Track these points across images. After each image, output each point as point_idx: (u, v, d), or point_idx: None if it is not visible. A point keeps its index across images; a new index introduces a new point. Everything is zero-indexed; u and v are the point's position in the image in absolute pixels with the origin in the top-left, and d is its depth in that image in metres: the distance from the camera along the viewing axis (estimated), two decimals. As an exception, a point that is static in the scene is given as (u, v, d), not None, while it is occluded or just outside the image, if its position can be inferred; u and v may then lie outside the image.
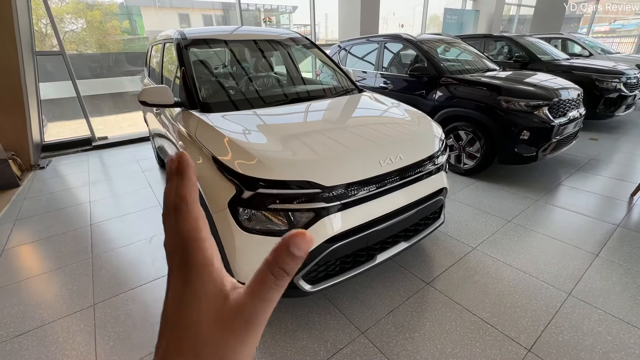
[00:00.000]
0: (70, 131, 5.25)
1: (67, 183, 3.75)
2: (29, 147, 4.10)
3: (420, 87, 3.77)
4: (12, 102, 3.85)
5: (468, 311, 1.77)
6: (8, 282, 2.12)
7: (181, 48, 2.34)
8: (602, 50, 7.00)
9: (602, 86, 4.60)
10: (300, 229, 0.23)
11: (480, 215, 2.73)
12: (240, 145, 1.61)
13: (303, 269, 1.52)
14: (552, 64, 5.03)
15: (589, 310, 1.75)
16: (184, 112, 2.13)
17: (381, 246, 1.77)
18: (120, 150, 4.90)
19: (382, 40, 4.44)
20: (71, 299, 1.95)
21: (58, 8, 5.45)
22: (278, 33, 2.98)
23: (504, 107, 3.07)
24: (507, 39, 5.71)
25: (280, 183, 1.44)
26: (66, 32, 5.88)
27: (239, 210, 1.47)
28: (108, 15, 6.46)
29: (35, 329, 1.74)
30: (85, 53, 6.13)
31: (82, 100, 4.92)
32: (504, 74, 3.68)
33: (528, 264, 2.12)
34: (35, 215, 2.98)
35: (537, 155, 3.08)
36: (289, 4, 9.04)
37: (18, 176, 3.74)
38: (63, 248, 2.47)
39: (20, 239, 2.63)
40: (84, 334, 1.71)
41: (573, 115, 3.29)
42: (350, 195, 1.53)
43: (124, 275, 2.15)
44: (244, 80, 2.76)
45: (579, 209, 2.77)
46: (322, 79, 3.42)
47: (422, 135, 1.95)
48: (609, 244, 2.29)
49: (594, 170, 3.57)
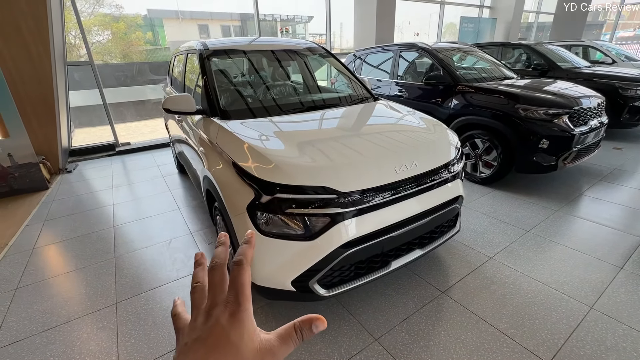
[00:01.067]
0: (96, 137, 5.50)
1: (92, 186, 3.92)
2: (58, 152, 4.32)
3: (436, 95, 3.77)
4: (45, 110, 4.09)
5: (484, 321, 1.75)
6: (39, 279, 2.23)
7: (203, 58, 2.44)
8: (626, 57, 6.81)
9: (626, 94, 4.47)
10: (320, 317, 0.35)
11: (498, 224, 2.69)
12: (259, 151, 1.66)
13: (318, 274, 1.54)
14: (572, 71, 4.93)
15: (613, 325, 1.69)
16: (205, 119, 2.21)
17: (396, 253, 1.78)
18: (142, 156, 5.09)
19: (397, 49, 4.48)
20: (95, 297, 2.04)
21: (87, 21, 5.76)
22: (295, 43, 3.07)
23: (522, 115, 3.03)
24: (525, 46, 5.64)
25: (297, 188, 1.48)
26: (93, 43, 6.20)
27: (257, 214, 1.52)
28: (132, 27, 6.77)
29: (62, 325, 1.83)
30: (111, 63, 6.43)
31: (107, 108, 5.16)
32: (522, 82, 3.64)
33: (547, 275, 2.07)
34: (63, 217, 3.13)
35: (557, 164, 3.02)
36: (305, 14, 9.23)
37: (47, 179, 3.94)
38: (88, 248, 2.58)
39: (49, 238, 2.76)
40: (107, 330, 1.78)
41: (594, 124, 3.22)
42: (365, 202, 1.55)
43: (145, 275, 2.23)
44: (262, 89, 2.85)
45: (601, 220, 2.68)
46: (338, 88, 3.48)
47: (437, 143, 1.96)
48: (634, 257, 2.21)
49: (618, 180, 3.45)
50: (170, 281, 2.16)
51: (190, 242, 2.61)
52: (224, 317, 0.33)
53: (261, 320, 1.81)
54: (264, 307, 1.90)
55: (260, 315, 1.85)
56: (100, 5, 6.00)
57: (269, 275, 1.57)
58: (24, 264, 2.41)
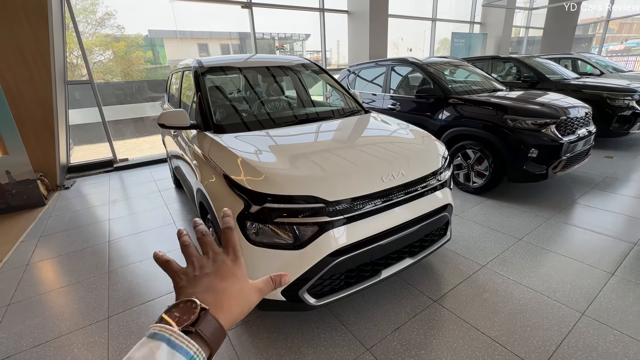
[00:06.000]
0: (95, 154, 5.56)
1: (88, 202, 3.94)
2: (56, 168, 4.37)
3: (427, 108, 3.85)
4: (44, 127, 4.16)
5: (476, 330, 1.74)
6: (31, 294, 2.23)
7: (198, 75, 2.52)
8: (613, 69, 6.97)
9: (614, 104, 4.57)
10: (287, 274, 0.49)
11: (490, 233, 2.70)
12: (249, 162, 1.70)
13: (307, 283, 1.55)
14: (561, 83, 5.05)
15: (604, 331, 1.69)
16: (199, 133, 2.27)
17: (386, 262, 1.79)
18: (140, 171, 5.14)
19: (390, 64, 4.60)
20: (87, 311, 2.03)
21: (88, 41, 5.93)
22: (289, 60, 3.17)
23: (510, 125, 3.10)
24: (514, 60, 5.80)
25: (285, 198, 1.51)
26: (94, 62, 6.36)
27: (247, 224, 1.54)
28: (133, 47, 6.96)
29: (52, 340, 1.82)
30: (111, 81, 6.58)
31: (106, 125, 5.24)
32: (511, 94, 3.73)
33: (539, 282, 2.08)
34: (58, 232, 3.14)
35: (547, 173, 3.06)
36: (302, 32, 9.49)
37: (44, 196, 3.97)
38: (82, 263, 2.58)
39: (43, 254, 2.77)
40: (98, 345, 1.77)
41: (582, 133, 3.28)
42: (352, 210, 1.58)
43: (138, 289, 2.23)
44: (256, 103, 2.92)
45: (593, 227, 2.70)
46: (330, 101, 3.56)
47: (424, 152, 2.00)
48: (626, 263, 2.22)
49: (610, 188, 3.49)
50: (162, 295, 2.16)
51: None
52: (228, 260, 0.46)
53: (254, 332, 1.81)
54: (257, 320, 1.90)
55: (252, 327, 1.85)
56: (102, 26, 6.20)
57: (259, 285, 1.58)
58: (18, 280, 2.41)
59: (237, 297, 0.43)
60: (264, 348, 1.71)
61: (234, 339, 1.77)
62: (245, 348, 1.72)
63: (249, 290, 0.44)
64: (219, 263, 0.45)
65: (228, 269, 0.44)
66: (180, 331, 0.35)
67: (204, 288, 0.42)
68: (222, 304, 0.41)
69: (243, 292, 0.43)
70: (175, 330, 0.35)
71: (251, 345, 1.73)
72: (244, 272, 0.46)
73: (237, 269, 0.45)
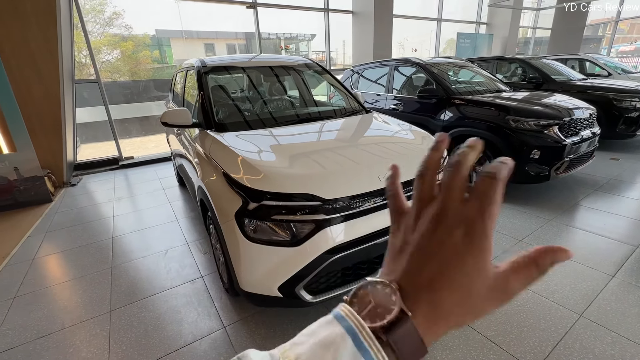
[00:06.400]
0: (101, 152, 5.65)
1: (94, 199, 4.01)
2: (63, 166, 4.45)
3: (430, 108, 3.85)
4: (52, 125, 4.24)
5: (472, 329, 1.75)
6: (36, 288, 2.28)
7: (201, 74, 2.56)
8: (622, 70, 6.88)
9: (620, 105, 4.52)
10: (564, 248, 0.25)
11: (491, 234, 2.69)
12: (248, 160, 1.73)
13: (304, 280, 1.57)
14: (566, 84, 5.00)
15: (601, 332, 1.68)
16: (201, 132, 2.30)
17: (383, 260, 1.80)
18: (144, 169, 5.21)
19: (393, 64, 4.60)
20: (90, 305, 2.08)
21: (96, 41, 6.03)
22: (291, 60, 3.19)
23: (512, 126, 3.09)
24: (519, 60, 5.76)
25: (282, 195, 1.53)
26: (102, 62, 6.46)
27: (245, 221, 1.57)
28: (140, 46, 7.05)
29: (55, 332, 1.87)
30: (119, 80, 6.67)
31: (112, 123, 5.33)
32: (514, 95, 3.71)
33: (538, 283, 2.07)
34: (64, 228, 3.21)
35: (549, 174, 3.04)
36: (308, 33, 9.51)
37: (51, 192, 4.05)
38: (86, 258, 2.63)
39: (49, 249, 2.83)
40: (100, 338, 1.81)
41: (586, 135, 3.25)
42: (350, 208, 1.60)
43: (140, 284, 2.27)
44: (258, 103, 2.95)
45: (595, 229, 2.68)
46: (332, 101, 3.58)
47: (422, 152, 2.00)
48: (627, 265, 2.20)
49: (614, 190, 3.45)
50: (164, 290, 2.19)
51: (186, 252, 2.65)
52: (458, 233, 0.26)
53: (252, 329, 1.83)
54: (254, 316, 1.92)
55: (250, 323, 1.87)
56: (110, 26, 6.29)
57: (256, 282, 1.61)
58: (24, 273, 2.47)
59: (469, 301, 0.26)
60: (262, 344, 1.73)
61: (231, 335, 1.80)
62: (243, 344, 1.74)
63: (492, 287, 0.26)
64: (440, 236, 0.27)
65: (453, 253, 0.26)
66: (371, 332, 0.25)
67: (418, 269, 0.27)
68: (442, 312, 0.26)
69: (482, 292, 0.26)
70: (366, 328, 0.25)
71: (249, 341, 1.75)
72: (482, 256, 0.26)
73: (470, 253, 0.26)
